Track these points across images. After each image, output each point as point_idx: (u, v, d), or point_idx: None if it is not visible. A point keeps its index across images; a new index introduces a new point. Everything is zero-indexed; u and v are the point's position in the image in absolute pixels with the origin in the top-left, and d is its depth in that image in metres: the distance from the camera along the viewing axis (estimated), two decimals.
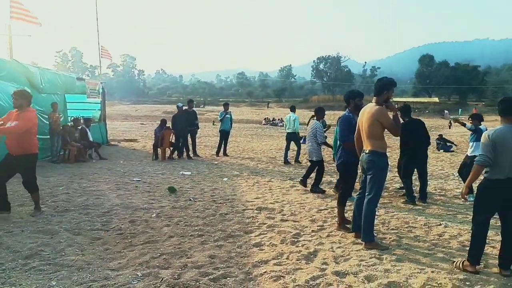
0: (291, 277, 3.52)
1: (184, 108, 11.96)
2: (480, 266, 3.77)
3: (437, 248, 4.37)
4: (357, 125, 4.57)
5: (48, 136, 10.22)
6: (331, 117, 15.74)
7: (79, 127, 11.35)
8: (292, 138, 10.93)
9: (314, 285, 3.37)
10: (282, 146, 15.46)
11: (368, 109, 4.34)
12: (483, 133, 3.68)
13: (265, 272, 3.61)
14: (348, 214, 5.18)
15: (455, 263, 3.82)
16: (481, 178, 3.76)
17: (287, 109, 62.79)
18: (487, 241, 3.94)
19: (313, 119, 7.50)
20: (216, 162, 10.91)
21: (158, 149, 11.24)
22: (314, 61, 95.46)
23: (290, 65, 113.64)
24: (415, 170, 6.88)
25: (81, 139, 11.06)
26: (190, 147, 11.84)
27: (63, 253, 3.98)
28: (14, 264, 3.66)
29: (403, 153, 6.84)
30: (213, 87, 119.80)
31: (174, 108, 12.50)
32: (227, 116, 12.24)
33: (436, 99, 65.77)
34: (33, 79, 9.82)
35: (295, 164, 10.83)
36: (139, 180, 8.03)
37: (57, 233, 4.58)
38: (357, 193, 4.68)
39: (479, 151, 3.65)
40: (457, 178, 9.07)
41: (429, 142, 7.01)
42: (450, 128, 28.81)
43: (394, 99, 57.26)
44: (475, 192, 3.77)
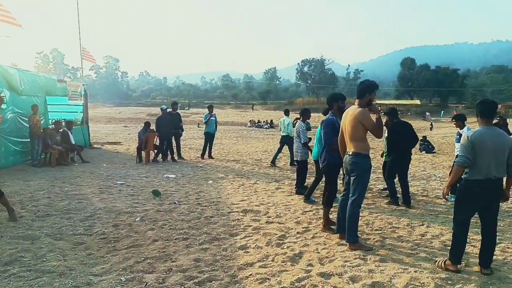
0: (277, 279, 3.52)
1: (168, 111, 11.87)
2: (462, 265, 3.85)
3: (420, 248, 4.44)
4: (341, 128, 4.62)
5: (29, 139, 10.00)
6: (316, 119, 15.88)
7: (61, 130, 11.14)
8: (286, 141, 10.93)
9: (300, 287, 3.38)
10: (268, 148, 15.55)
11: (351, 112, 4.39)
12: (463, 135, 3.77)
13: (251, 275, 3.61)
14: (333, 216, 5.22)
15: (437, 263, 3.89)
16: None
17: (272, 111, 62.71)
18: (468, 241, 4.03)
19: (298, 120, 7.61)
20: (201, 165, 10.86)
21: (142, 152, 11.12)
22: (299, 64, 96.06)
23: (275, 68, 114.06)
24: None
25: (63, 142, 10.85)
26: (175, 150, 11.76)
27: (44, 259, 3.89)
28: None
29: (391, 153, 6.84)
30: (198, 89, 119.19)
31: (158, 111, 12.41)
32: (212, 119, 12.20)
33: (418, 102, 67.06)
34: (12, 81, 9.60)
35: (281, 167, 10.86)
36: (123, 184, 7.92)
37: (38, 239, 4.47)
38: (341, 195, 4.72)
39: (460, 152, 3.73)
40: (439, 179, 9.26)
41: (415, 143, 7.12)
42: (432, 130, 29.42)
43: (377, 102, 58.28)
44: (456, 193, 3.84)
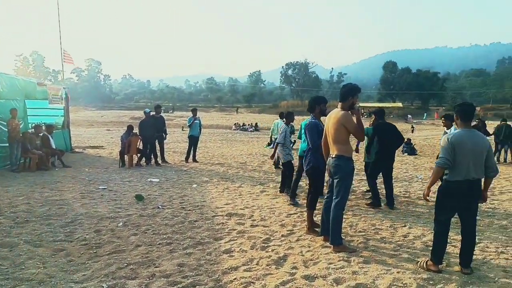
0: (261, 283, 3.51)
1: (152, 114, 11.76)
2: (443, 265, 3.92)
3: (402, 249, 4.50)
4: (324, 131, 4.66)
5: (7, 144, 9.74)
6: (300, 122, 16.01)
7: (41, 134, 10.91)
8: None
9: None
10: (253, 151, 15.55)
11: (334, 115, 4.44)
12: (443, 137, 3.84)
13: (235, 279, 3.59)
14: (317, 218, 5.25)
15: (419, 263, 3.95)
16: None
17: (257, 114, 62.76)
18: (449, 241, 4.10)
19: (282, 123, 7.67)
20: (185, 169, 10.78)
21: (125, 156, 10.97)
22: (283, 67, 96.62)
23: (260, 71, 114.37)
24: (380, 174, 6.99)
25: (43, 147, 10.63)
26: (158, 154, 11.64)
27: (23, 267, 3.79)
28: None
29: (376, 154, 6.84)
30: (182, 93, 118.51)
31: (142, 114, 12.25)
32: (196, 122, 12.14)
33: (400, 104, 68.17)
34: None
35: (265, 170, 10.87)
36: (105, 188, 7.79)
37: (17, 246, 4.36)
38: (325, 197, 4.75)
39: (440, 154, 3.79)
40: (421, 180, 9.42)
41: (401, 143, 7.23)
42: (413, 132, 29.95)
43: (360, 104, 59.06)
44: (436, 194, 3.91)
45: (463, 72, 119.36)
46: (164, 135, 11.93)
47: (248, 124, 34.13)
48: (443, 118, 7.41)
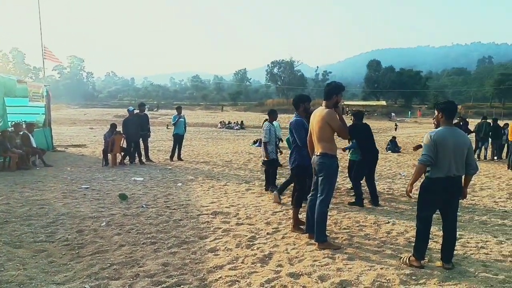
0: (246, 281, 3.51)
1: (136, 112, 11.61)
2: (425, 261, 3.99)
3: (386, 245, 4.56)
4: (309, 129, 4.68)
5: None
6: (286, 120, 16.08)
7: (21, 133, 10.65)
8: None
9: None
10: (238, 150, 15.53)
11: (319, 113, 4.45)
12: (426, 135, 3.89)
13: (220, 278, 3.58)
14: (302, 216, 5.27)
15: (402, 259, 4.01)
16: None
17: (243, 113, 62.75)
18: (431, 237, 4.18)
19: (266, 121, 7.67)
20: (170, 167, 10.68)
21: (108, 155, 10.81)
22: (268, 65, 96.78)
23: (245, 69, 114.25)
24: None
25: (23, 145, 10.38)
26: (143, 152, 11.51)
27: (2, 269, 3.69)
28: None
29: (362, 153, 6.88)
30: (167, 90, 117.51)
31: (126, 112, 12.08)
32: (181, 120, 12.03)
33: (384, 103, 69.13)
34: None
35: (251, 168, 10.87)
36: (88, 188, 7.66)
37: None
38: (310, 195, 4.77)
39: (423, 151, 3.84)
40: (404, 177, 9.57)
41: (375, 151, 7.26)
42: (396, 130, 30.39)
43: (345, 103, 59.61)
44: (418, 191, 3.97)
45: (445, 71, 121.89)
46: (148, 134, 11.81)
47: (234, 122, 34.06)
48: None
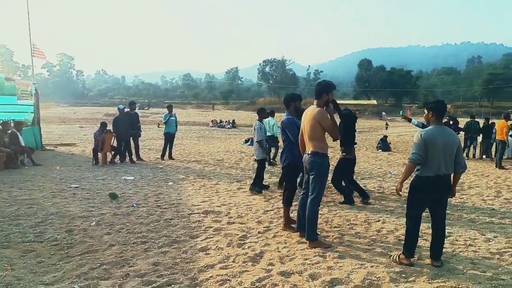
0: (237, 280, 3.51)
1: (126, 110, 11.52)
2: (415, 259, 4.02)
3: (376, 244, 4.60)
4: (301, 128, 4.68)
5: None
6: (277, 119, 16.10)
7: (9, 131, 10.50)
8: (271, 141, 10.95)
9: (260, 287, 3.39)
10: (230, 149, 15.51)
11: (310, 111, 4.46)
12: (416, 133, 3.92)
13: (211, 277, 3.57)
14: (294, 214, 5.28)
15: (392, 257, 4.04)
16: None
17: (234, 111, 62.81)
18: (420, 235, 4.21)
19: (257, 120, 7.69)
20: (161, 166, 10.63)
21: (99, 154, 10.71)
22: (260, 64, 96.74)
23: (237, 67, 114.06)
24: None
25: (12, 144, 10.23)
26: (133, 151, 11.43)
27: None
28: None
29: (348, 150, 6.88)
30: (158, 89, 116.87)
31: (116, 111, 11.99)
32: (172, 119, 11.97)
33: (375, 102, 69.59)
34: None
35: (243, 167, 10.86)
36: (77, 187, 7.58)
37: None
38: (301, 193, 4.78)
39: (413, 150, 3.87)
40: (394, 176, 9.64)
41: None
42: (387, 129, 30.61)
43: (337, 102, 59.65)
44: (408, 189, 4.00)
45: (435, 71, 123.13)
46: (139, 132, 11.73)
47: (226, 121, 33.99)
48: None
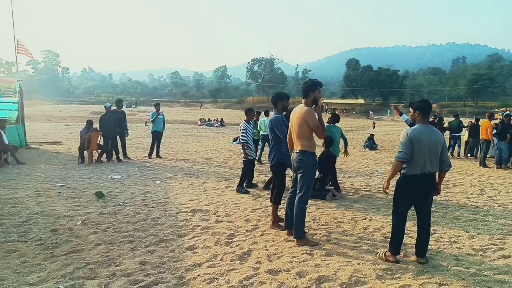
0: (225, 279, 3.50)
1: (113, 109, 11.39)
2: (400, 256, 4.08)
3: (363, 241, 4.64)
4: (289, 126, 4.69)
5: None
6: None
7: None
8: (266, 140, 10.97)
9: (248, 285, 3.39)
10: (218, 147, 15.47)
11: (298, 110, 4.47)
12: (402, 132, 3.97)
13: (199, 275, 3.56)
14: (282, 213, 5.29)
15: (378, 254, 4.08)
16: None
17: (223, 110, 62.73)
18: (406, 232, 4.27)
19: (243, 121, 7.71)
20: (149, 165, 10.54)
21: (85, 152, 10.57)
22: (249, 63, 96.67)
23: (225, 66, 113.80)
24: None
25: None
26: (120, 149, 11.31)
27: None
28: None
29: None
30: (146, 87, 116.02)
31: (103, 109, 11.85)
32: (160, 117, 11.88)
33: (362, 101, 70.25)
34: None
35: (231, 165, 10.84)
36: (63, 186, 7.47)
37: None
38: (289, 191, 4.80)
39: (399, 148, 3.92)
40: (381, 174, 9.75)
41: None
42: (374, 128, 30.91)
43: (324, 101, 60.22)
44: (394, 187, 4.05)
45: (421, 71, 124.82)
46: (126, 131, 11.60)
47: (214, 120, 33.89)
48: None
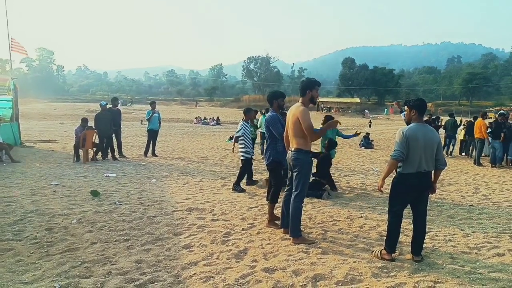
0: (221, 277, 3.50)
1: (108, 107, 11.34)
2: (396, 254, 4.09)
3: (359, 239, 4.66)
4: (286, 124, 4.70)
5: None
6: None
7: None
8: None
9: (244, 283, 3.39)
10: (214, 146, 15.46)
11: (294, 109, 4.47)
12: (398, 131, 3.98)
13: (195, 274, 3.55)
14: (278, 211, 5.30)
15: (374, 253, 4.10)
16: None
17: (219, 108, 62.78)
18: (401, 230, 4.29)
19: (241, 120, 7.72)
20: (144, 163, 10.51)
21: (80, 150, 10.52)
22: (245, 61, 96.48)
23: (221, 64, 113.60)
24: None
25: None
26: (116, 148, 11.26)
27: None
28: None
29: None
30: (141, 85, 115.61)
31: (98, 107, 11.79)
32: (155, 115, 11.84)
33: (358, 100, 70.38)
34: None
35: (227, 164, 10.84)
36: (58, 184, 7.43)
37: None
38: (285, 190, 4.80)
39: (395, 147, 3.93)
40: (376, 173, 9.78)
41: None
42: (370, 127, 31.03)
43: (320, 100, 60.16)
44: (390, 186, 4.07)
45: (416, 70, 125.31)
46: (119, 129, 11.54)
47: (210, 118, 33.83)
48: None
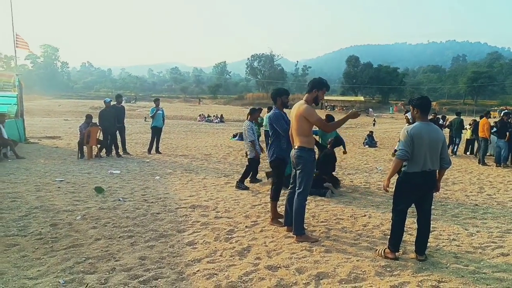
0: (224, 274, 3.51)
1: (113, 104, 11.37)
2: (399, 253, 4.08)
3: (362, 238, 4.65)
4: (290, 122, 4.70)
5: None
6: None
7: None
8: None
9: (247, 281, 3.40)
10: (218, 143, 15.47)
11: (297, 107, 4.47)
12: (403, 130, 3.97)
13: (198, 271, 3.56)
14: (281, 209, 5.30)
15: (378, 251, 4.09)
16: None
17: (223, 106, 62.73)
18: (405, 229, 4.27)
19: (246, 120, 7.76)
20: (148, 160, 10.54)
21: (84, 147, 10.56)
22: (249, 59, 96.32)
23: (225, 62, 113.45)
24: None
25: None
26: (120, 145, 11.30)
27: None
28: None
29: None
30: (145, 82, 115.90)
31: (102, 104, 11.83)
32: (159, 112, 11.87)
33: (362, 98, 70.16)
34: None
35: (230, 162, 10.84)
36: (62, 180, 7.47)
37: None
38: (289, 188, 4.80)
39: (400, 146, 3.92)
40: (380, 172, 9.75)
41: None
42: (374, 126, 30.94)
43: (324, 97, 59.93)
44: (395, 185, 4.05)
45: (421, 68, 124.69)
46: (123, 127, 11.57)
47: (214, 116, 33.86)
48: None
